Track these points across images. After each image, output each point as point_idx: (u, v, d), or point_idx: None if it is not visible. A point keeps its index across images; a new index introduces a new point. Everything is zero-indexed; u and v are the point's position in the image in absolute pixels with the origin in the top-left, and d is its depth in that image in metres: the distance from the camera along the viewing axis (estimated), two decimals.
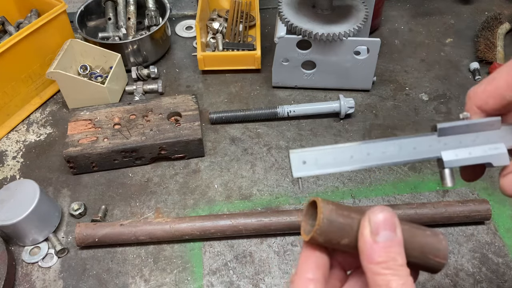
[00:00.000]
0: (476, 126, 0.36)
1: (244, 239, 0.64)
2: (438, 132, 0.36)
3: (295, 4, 0.79)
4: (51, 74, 0.76)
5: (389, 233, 0.31)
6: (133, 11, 0.92)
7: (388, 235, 0.31)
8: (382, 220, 0.31)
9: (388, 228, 0.31)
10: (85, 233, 0.62)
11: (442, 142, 0.36)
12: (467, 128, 0.36)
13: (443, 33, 0.96)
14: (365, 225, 0.31)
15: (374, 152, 0.36)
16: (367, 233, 0.31)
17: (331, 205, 0.32)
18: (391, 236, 0.31)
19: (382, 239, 0.31)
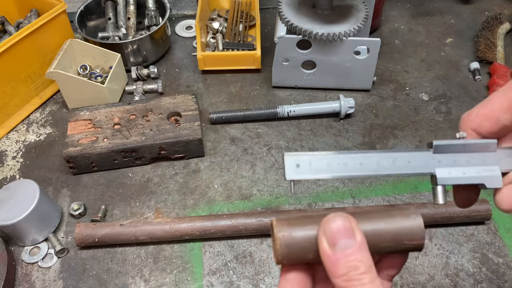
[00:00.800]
0: (471, 147, 0.36)
1: (244, 239, 0.64)
2: (434, 149, 0.36)
3: (295, 4, 0.79)
4: (51, 74, 0.76)
5: (347, 241, 0.30)
6: (133, 11, 0.92)
7: (346, 243, 0.30)
8: (336, 229, 0.30)
9: (345, 235, 0.30)
10: (85, 233, 0.62)
11: (437, 159, 0.36)
12: (463, 148, 0.36)
13: (443, 33, 0.96)
14: (321, 239, 0.30)
15: (368, 163, 0.36)
16: (325, 247, 0.30)
17: (286, 227, 0.32)
18: (350, 243, 0.30)
19: (340, 249, 0.30)
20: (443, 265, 0.60)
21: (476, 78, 0.85)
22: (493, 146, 0.36)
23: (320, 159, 0.35)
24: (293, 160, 0.35)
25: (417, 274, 0.60)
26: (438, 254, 0.61)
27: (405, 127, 0.78)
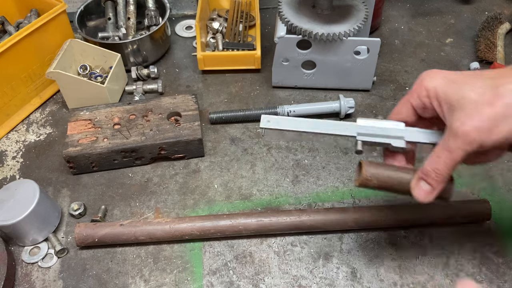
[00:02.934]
0: (385, 123, 0.52)
1: (244, 239, 0.64)
2: (358, 123, 0.52)
3: (295, 4, 0.79)
4: (51, 74, 0.76)
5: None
6: (133, 11, 0.92)
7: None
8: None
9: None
10: (85, 233, 0.62)
11: (360, 127, 0.52)
12: (379, 124, 0.52)
13: (443, 33, 0.96)
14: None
15: (316, 126, 0.52)
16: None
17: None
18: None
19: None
20: (443, 265, 0.60)
21: None
22: (401, 125, 0.51)
23: (283, 120, 0.54)
24: (266, 118, 0.54)
25: (417, 274, 0.60)
26: (438, 254, 0.61)
27: None
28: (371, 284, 0.59)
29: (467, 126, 0.42)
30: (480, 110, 0.42)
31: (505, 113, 0.41)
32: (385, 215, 0.62)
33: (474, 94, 0.43)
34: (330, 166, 0.72)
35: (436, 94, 0.46)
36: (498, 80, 0.43)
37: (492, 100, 0.42)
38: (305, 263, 0.61)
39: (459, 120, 0.43)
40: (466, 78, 0.45)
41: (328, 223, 0.62)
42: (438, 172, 0.46)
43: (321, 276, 0.60)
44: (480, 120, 0.42)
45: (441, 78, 0.46)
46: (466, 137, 0.43)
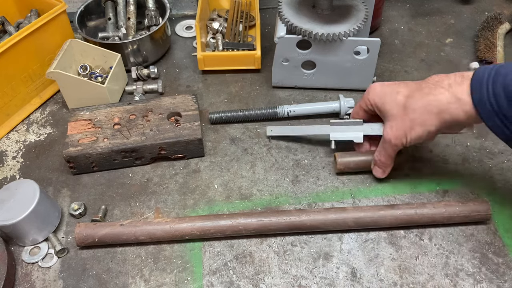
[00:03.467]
0: (349, 123, 0.70)
1: (244, 239, 0.64)
2: (330, 123, 0.71)
3: (295, 4, 0.79)
4: (51, 74, 0.76)
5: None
6: (133, 11, 0.92)
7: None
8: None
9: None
10: (85, 233, 0.62)
11: (332, 128, 0.71)
12: (345, 123, 0.70)
13: (443, 33, 0.96)
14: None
15: (305, 129, 0.75)
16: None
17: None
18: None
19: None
20: (442, 265, 0.60)
21: None
22: (360, 122, 0.69)
23: (282, 128, 0.76)
24: (269, 128, 0.76)
25: (416, 274, 0.60)
26: (438, 254, 0.61)
27: None
28: (371, 284, 0.59)
29: (389, 136, 0.62)
30: (396, 124, 0.61)
31: (410, 126, 0.60)
32: (385, 215, 0.62)
33: (393, 111, 0.61)
34: (330, 166, 0.72)
35: (374, 104, 0.64)
36: (408, 100, 0.60)
37: (403, 117, 0.60)
38: (305, 263, 0.61)
39: (386, 129, 0.63)
40: (390, 92, 0.62)
41: (328, 223, 0.62)
42: (383, 161, 0.66)
43: (321, 276, 0.60)
44: (396, 131, 0.61)
45: (377, 94, 0.63)
46: (390, 142, 0.62)
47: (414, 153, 0.73)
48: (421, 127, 0.59)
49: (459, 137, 0.75)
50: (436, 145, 0.74)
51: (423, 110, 0.58)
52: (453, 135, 0.75)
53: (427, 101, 0.57)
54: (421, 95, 0.58)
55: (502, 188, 0.69)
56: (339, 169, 0.70)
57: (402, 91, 0.61)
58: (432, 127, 0.58)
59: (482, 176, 0.70)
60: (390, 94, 0.61)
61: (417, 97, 0.58)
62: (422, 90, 0.59)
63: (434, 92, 0.57)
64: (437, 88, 0.57)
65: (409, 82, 0.62)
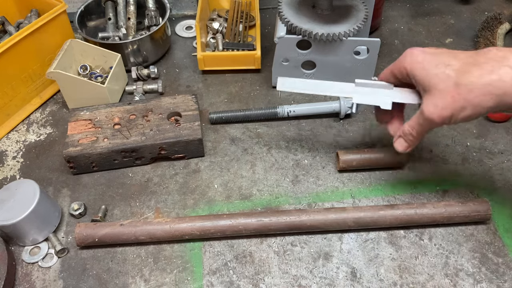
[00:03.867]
0: (378, 85, 0.61)
1: (244, 239, 0.64)
2: (355, 83, 0.62)
3: (295, 4, 0.79)
4: (51, 74, 0.76)
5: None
6: (133, 11, 0.92)
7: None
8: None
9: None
10: (85, 233, 0.62)
11: (356, 89, 0.62)
12: (372, 84, 0.61)
13: (443, 33, 0.96)
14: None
15: (321, 86, 0.64)
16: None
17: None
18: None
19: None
20: (442, 265, 0.60)
21: None
22: (390, 86, 0.61)
23: (295, 82, 0.64)
24: (281, 80, 0.64)
25: (416, 274, 0.60)
26: (438, 254, 0.61)
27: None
28: (371, 284, 0.59)
29: (433, 114, 0.53)
30: (443, 101, 0.52)
31: (462, 106, 0.51)
32: (385, 215, 0.62)
33: (440, 84, 0.52)
34: (330, 166, 0.72)
35: (412, 74, 0.56)
36: (462, 76, 0.51)
37: (453, 94, 0.51)
38: (305, 263, 0.61)
39: (428, 105, 0.54)
40: (437, 63, 0.53)
41: (328, 223, 0.62)
42: (413, 137, 0.59)
43: (321, 276, 0.60)
44: (442, 110, 0.52)
45: (417, 62, 0.55)
46: (432, 121, 0.54)
47: (414, 153, 0.73)
48: (475, 109, 0.51)
49: (459, 137, 0.75)
50: (436, 145, 0.74)
51: (482, 91, 0.50)
52: (453, 135, 0.75)
53: (489, 81, 0.49)
54: (481, 72, 0.50)
55: (502, 188, 0.69)
56: (341, 167, 0.70)
57: (453, 64, 0.52)
58: (487, 109, 0.51)
59: (482, 176, 0.70)
60: (437, 66, 0.53)
61: (475, 73, 0.50)
62: (481, 66, 0.50)
63: (498, 71, 0.49)
64: (501, 66, 0.49)
65: (457, 52, 0.54)
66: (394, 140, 0.62)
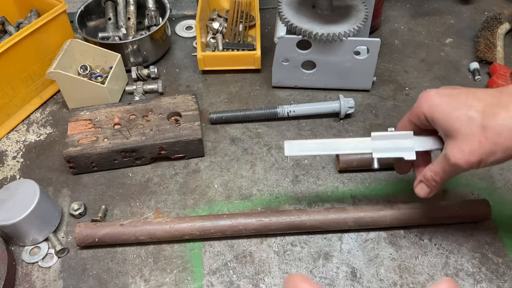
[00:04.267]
0: (396, 136, 0.56)
1: (244, 239, 0.64)
2: (372, 138, 0.57)
3: (295, 4, 0.79)
4: (51, 74, 0.76)
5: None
6: (133, 11, 0.92)
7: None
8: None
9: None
10: (85, 233, 0.62)
11: (374, 143, 0.57)
12: (390, 136, 0.57)
13: (443, 33, 0.96)
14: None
15: (332, 145, 0.58)
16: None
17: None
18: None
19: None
20: (442, 264, 0.60)
21: (475, 78, 0.85)
22: (410, 135, 0.56)
23: (304, 144, 0.58)
24: (288, 144, 0.58)
25: (416, 274, 0.60)
26: (438, 254, 0.61)
27: None
28: (371, 284, 0.59)
29: (459, 160, 0.49)
30: (470, 146, 0.48)
31: (492, 150, 0.47)
32: (385, 215, 0.62)
33: (465, 128, 0.48)
34: (330, 166, 0.72)
35: (432, 119, 0.52)
36: (488, 119, 0.47)
37: (480, 138, 0.47)
38: (305, 263, 0.61)
39: (453, 151, 0.50)
40: (457, 105, 0.49)
41: (328, 223, 0.62)
42: (436, 182, 0.55)
43: (321, 276, 0.60)
44: (470, 155, 0.48)
45: (435, 105, 0.51)
46: (458, 166, 0.50)
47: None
48: (505, 152, 0.47)
49: None
50: None
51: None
52: None
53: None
54: (509, 114, 0.46)
55: (502, 188, 0.69)
56: (342, 167, 0.70)
57: (475, 105, 0.48)
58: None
59: (482, 176, 0.70)
60: (457, 108, 0.49)
61: (502, 115, 0.47)
62: (508, 107, 0.47)
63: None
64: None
65: (475, 91, 0.50)
66: (415, 185, 0.57)
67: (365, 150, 0.57)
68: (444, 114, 0.50)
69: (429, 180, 0.55)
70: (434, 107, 0.51)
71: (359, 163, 0.69)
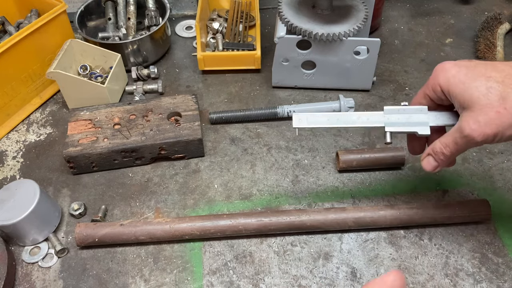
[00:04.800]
0: (410, 110, 0.55)
1: (244, 239, 0.64)
2: (384, 111, 0.55)
3: (295, 4, 0.79)
4: (51, 74, 0.76)
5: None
6: (133, 11, 0.92)
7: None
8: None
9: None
10: (85, 233, 0.62)
11: (386, 117, 0.55)
12: (404, 110, 0.55)
13: (443, 33, 0.96)
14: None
15: (343, 119, 0.55)
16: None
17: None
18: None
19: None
20: (442, 265, 0.60)
21: None
22: (424, 110, 0.54)
23: (313, 117, 0.56)
24: (297, 116, 0.56)
25: (416, 274, 0.60)
26: (438, 254, 0.61)
27: None
28: None
29: (475, 131, 0.47)
30: (487, 118, 0.46)
31: (510, 122, 0.45)
32: (385, 215, 0.62)
33: (483, 99, 0.46)
34: (330, 166, 0.72)
35: (448, 91, 0.50)
36: (506, 88, 0.46)
37: (499, 109, 0.45)
38: (305, 263, 0.61)
39: (468, 122, 0.47)
40: (476, 76, 0.47)
41: (328, 223, 0.62)
42: (444, 155, 0.52)
43: (321, 276, 0.60)
44: (486, 127, 0.46)
45: (452, 76, 0.49)
46: (472, 139, 0.47)
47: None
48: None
49: None
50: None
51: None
52: None
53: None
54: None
55: (502, 188, 0.69)
56: (341, 167, 0.70)
57: (495, 76, 0.47)
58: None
59: (482, 176, 0.70)
60: (476, 79, 0.47)
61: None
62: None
63: None
64: None
65: (496, 63, 0.49)
66: (422, 158, 0.55)
67: (377, 124, 0.55)
68: (461, 85, 0.48)
69: (437, 153, 0.52)
70: (451, 78, 0.49)
71: (359, 163, 0.69)
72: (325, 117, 0.55)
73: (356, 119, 0.55)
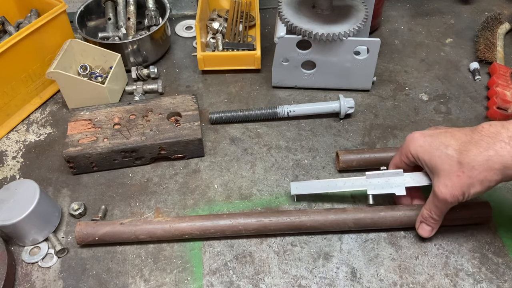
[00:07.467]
0: (388, 174, 0.63)
1: (244, 239, 0.64)
2: (366, 176, 0.63)
3: (295, 4, 0.79)
4: (51, 74, 0.76)
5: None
6: (133, 11, 0.92)
7: None
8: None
9: None
10: (85, 231, 0.62)
11: (368, 181, 0.63)
12: (383, 174, 0.63)
13: (443, 33, 0.96)
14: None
15: (332, 184, 0.64)
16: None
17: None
18: None
19: None
20: (442, 265, 0.60)
21: (475, 78, 0.85)
22: (400, 173, 0.62)
23: (308, 185, 0.66)
24: (294, 185, 0.66)
25: (416, 274, 0.60)
26: (438, 254, 0.61)
27: (404, 127, 0.78)
28: (371, 284, 0.59)
29: (445, 194, 0.55)
30: (451, 181, 0.55)
31: (470, 183, 0.54)
32: (385, 216, 0.62)
33: (445, 166, 0.55)
34: (330, 166, 0.72)
35: (418, 158, 0.59)
36: (462, 155, 0.54)
37: (458, 173, 0.54)
38: (305, 263, 0.61)
39: (439, 187, 0.56)
40: (438, 145, 0.56)
41: (328, 223, 0.62)
42: (434, 219, 0.60)
43: (321, 276, 0.60)
44: (453, 189, 0.55)
45: (419, 146, 0.58)
46: (445, 201, 0.56)
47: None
48: (482, 184, 0.53)
49: None
50: None
51: (483, 167, 0.52)
52: None
53: (487, 157, 0.52)
54: (478, 150, 0.53)
55: (502, 188, 0.69)
56: (341, 167, 0.70)
57: (452, 144, 0.55)
58: (493, 183, 0.53)
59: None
60: (438, 148, 0.56)
61: (474, 152, 0.53)
62: (478, 143, 0.53)
63: (494, 147, 0.52)
64: (496, 142, 0.52)
65: (453, 131, 0.57)
66: (417, 227, 0.62)
67: (360, 187, 0.63)
68: (427, 154, 0.57)
69: (427, 218, 0.60)
70: (419, 147, 0.58)
71: (359, 163, 0.69)
72: (317, 184, 0.65)
73: (343, 184, 0.64)
